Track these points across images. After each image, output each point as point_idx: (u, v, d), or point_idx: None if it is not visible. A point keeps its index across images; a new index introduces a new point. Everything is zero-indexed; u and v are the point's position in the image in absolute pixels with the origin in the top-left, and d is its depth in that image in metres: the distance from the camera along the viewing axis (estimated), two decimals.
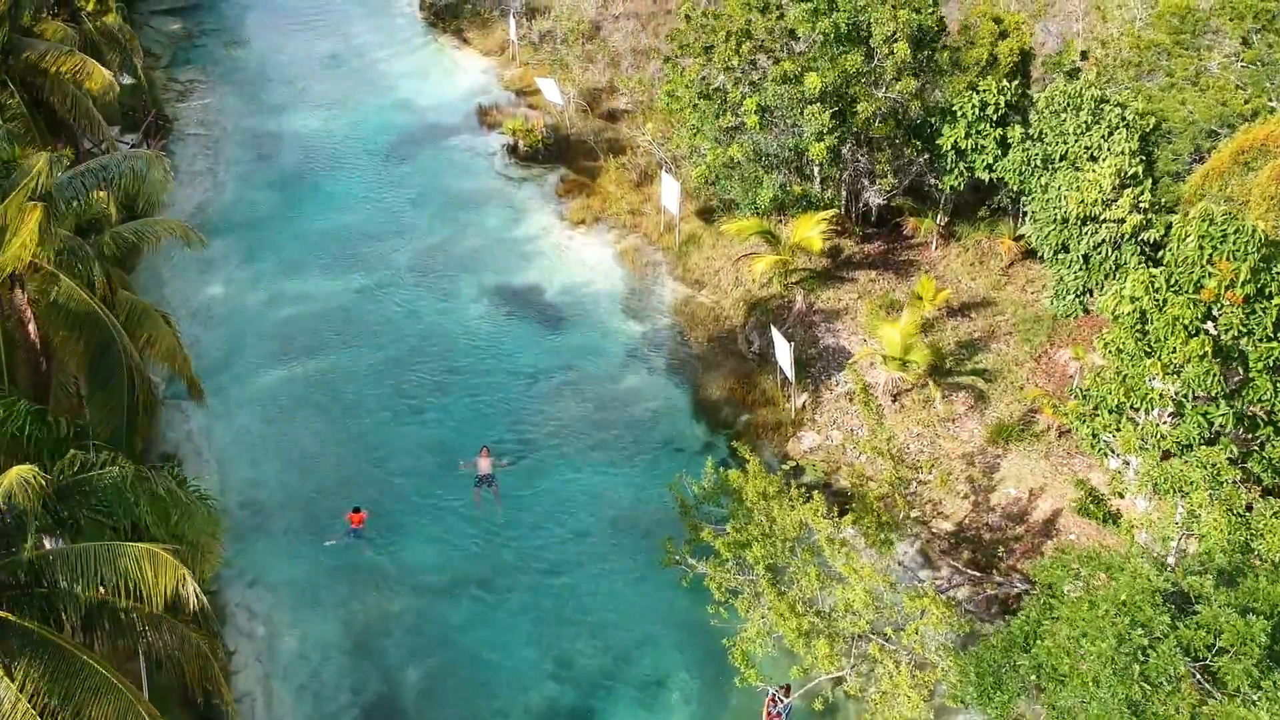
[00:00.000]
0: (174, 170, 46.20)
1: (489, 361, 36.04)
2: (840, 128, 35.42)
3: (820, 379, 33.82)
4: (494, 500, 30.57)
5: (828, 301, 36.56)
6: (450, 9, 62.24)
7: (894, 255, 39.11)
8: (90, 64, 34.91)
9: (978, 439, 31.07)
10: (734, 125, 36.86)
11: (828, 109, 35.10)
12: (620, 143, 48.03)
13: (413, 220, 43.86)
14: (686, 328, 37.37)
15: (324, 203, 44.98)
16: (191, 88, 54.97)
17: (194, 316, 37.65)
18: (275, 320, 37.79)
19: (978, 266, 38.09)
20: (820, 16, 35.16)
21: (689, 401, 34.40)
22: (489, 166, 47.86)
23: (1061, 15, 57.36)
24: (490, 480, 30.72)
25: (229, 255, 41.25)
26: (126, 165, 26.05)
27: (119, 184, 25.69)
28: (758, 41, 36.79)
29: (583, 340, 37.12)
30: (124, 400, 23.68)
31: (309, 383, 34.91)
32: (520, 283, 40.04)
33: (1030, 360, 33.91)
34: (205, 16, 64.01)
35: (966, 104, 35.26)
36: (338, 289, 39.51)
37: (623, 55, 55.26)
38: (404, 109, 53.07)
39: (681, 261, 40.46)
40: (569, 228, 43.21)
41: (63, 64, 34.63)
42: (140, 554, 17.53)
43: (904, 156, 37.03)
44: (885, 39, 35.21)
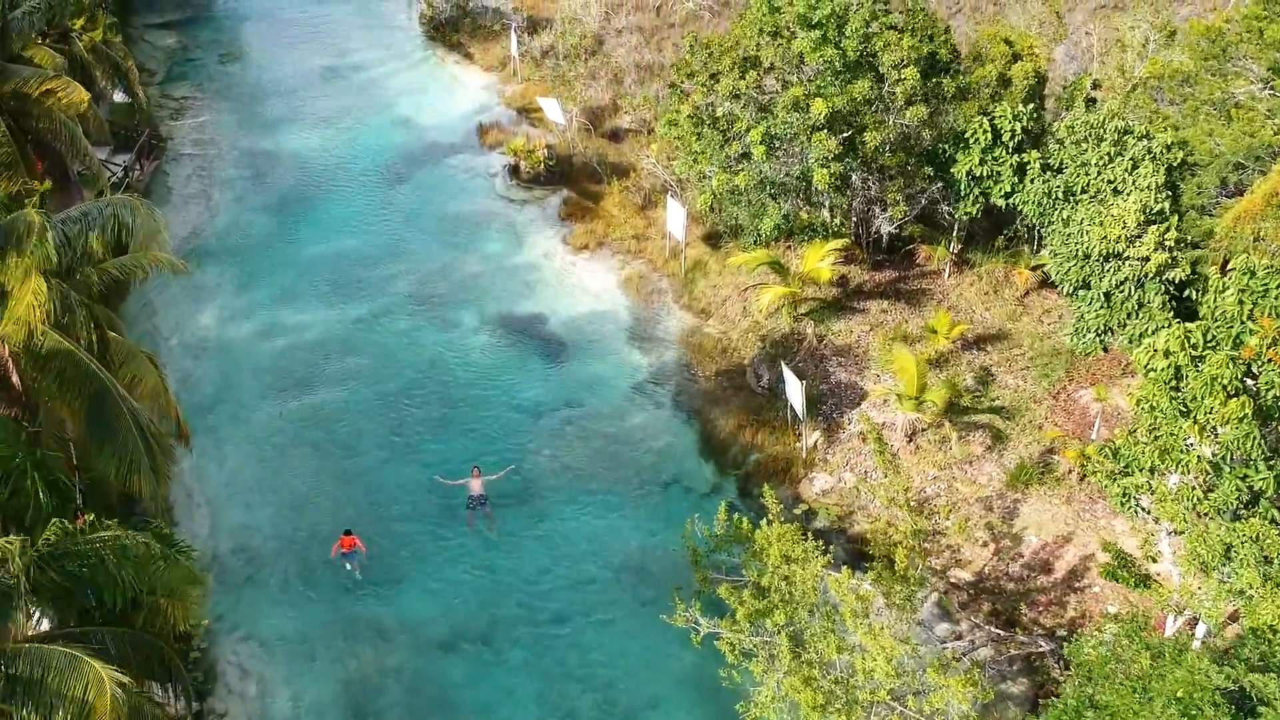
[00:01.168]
0: (168, 192, 45.41)
1: (490, 395, 34.99)
2: (848, 155, 34.36)
3: (832, 416, 32.78)
4: (488, 521, 30.24)
5: (838, 334, 35.51)
6: (450, 23, 61.22)
7: (905, 284, 38.07)
8: (73, 85, 33.89)
9: (996, 482, 30.02)
10: (740, 153, 35.79)
11: (836, 136, 34.07)
12: (624, 164, 46.98)
13: (412, 244, 42.81)
14: (693, 360, 36.32)
15: (321, 226, 43.93)
16: (186, 105, 53.92)
17: (187, 349, 36.60)
18: (270, 352, 36.73)
19: (992, 296, 37.06)
20: (827, 44, 34.13)
21: (696, 439, 33.36)
22: (490, 188, 46.81)
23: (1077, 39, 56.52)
24: (483, 500, 30.42)
25: (223, 283, 40.20)
26: (110, 212, 24.93)
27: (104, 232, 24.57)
28: (766, 67, 35.76)
29: (587, 373, 36.07)
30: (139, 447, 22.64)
31: (305, 419, 33.85)
32: (522, 311, 38.99)
33: (1049, 397, 32.88)
34: (201, 30, 62.99)
35: (979, 130, 34.25)
36: (335, 318, 38.45)
37: (626, 71, 54.23)
38: (403, 127, 52.03)
39: (687, 289, 39.42)
40: (572, 253, 42.17)
41: (45, 87, 33.56)
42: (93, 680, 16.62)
43: (916, 185, 35.96)
44: (894, 65, 34.18)
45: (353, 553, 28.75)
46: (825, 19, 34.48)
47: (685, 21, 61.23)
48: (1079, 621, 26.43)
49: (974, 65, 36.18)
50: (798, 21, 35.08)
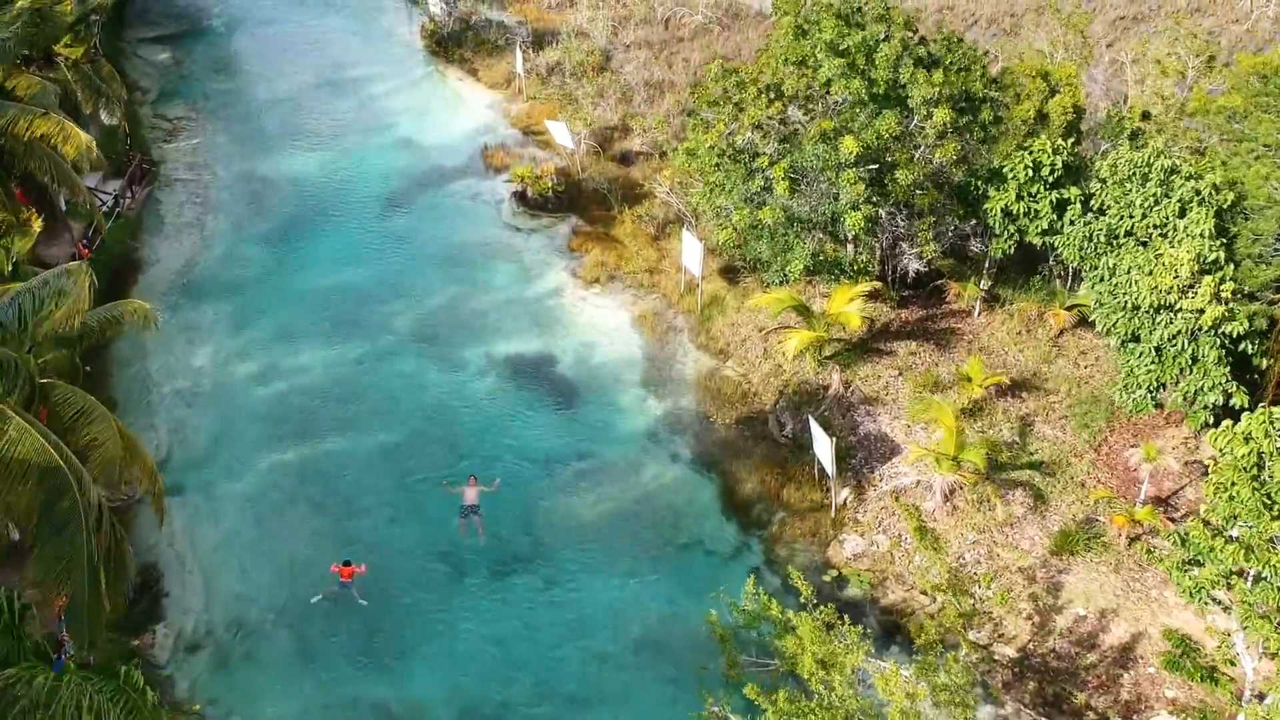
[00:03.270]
0: (160, 221, 43.63)
1: (499, 445, 33.17)
2: (877, 194, 32.54)
3: (862, 472, 30.98)
4: (478, 530, 29.62)
5: (866, 380, 33.69)
6: (453, 37, 59.29)
7: (934, 323, 36.27)
8: (68, 128, 31.90)
9: (1039, 548, 28.23)
10: (763, 187, 33.95)
11: (865, 174, 32.25)
12: (635, 189, 45.16)
13: (415, 278, 40.95)
14: (712, 406, 34.49)
15: (320, 258, 42.07)
16: (180, 126, 52.03)
17: (180, 395, 34.76)
18: (267, 398, 34.91)
19: (1025, 336, 35.28)
20: (855, 74, 32.30)
21: (717, 495, 31.56)
22: (496, 215, 44.97)
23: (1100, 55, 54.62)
24: (475, 510, 29.71)
25: (217, 321, 38.37)
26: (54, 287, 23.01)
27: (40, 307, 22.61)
28: (790, 96, 33.92)
29: (600, 420, 34.26)
30: (82, 555, 20.53)
31: (304, 473, 32.03)
32: (531, 352, 37.16)
33: (1090, 450, 31.10)
34: (195, 45, 61.04)
35: (1018, 165, 32.47)
36: (335, 359, 36.62)
37: (635, 89, 52.37)
38: (405, 149, 50.15)
39: (704, 328, 37.60)
40: (582, 287, 40.33)
41: (37, 129, 31.62)
42: None
43: (946, 223, 34.14)
44: (924, 101, 32.37)
45: (352, 581, 27.68)
46: (854, 47, 32.67)
47: (695, 36, 59.43)
48: (1135, 707, 24.65)
49: (1009, 98, 34.35)
50: (824, 49, 33.27)
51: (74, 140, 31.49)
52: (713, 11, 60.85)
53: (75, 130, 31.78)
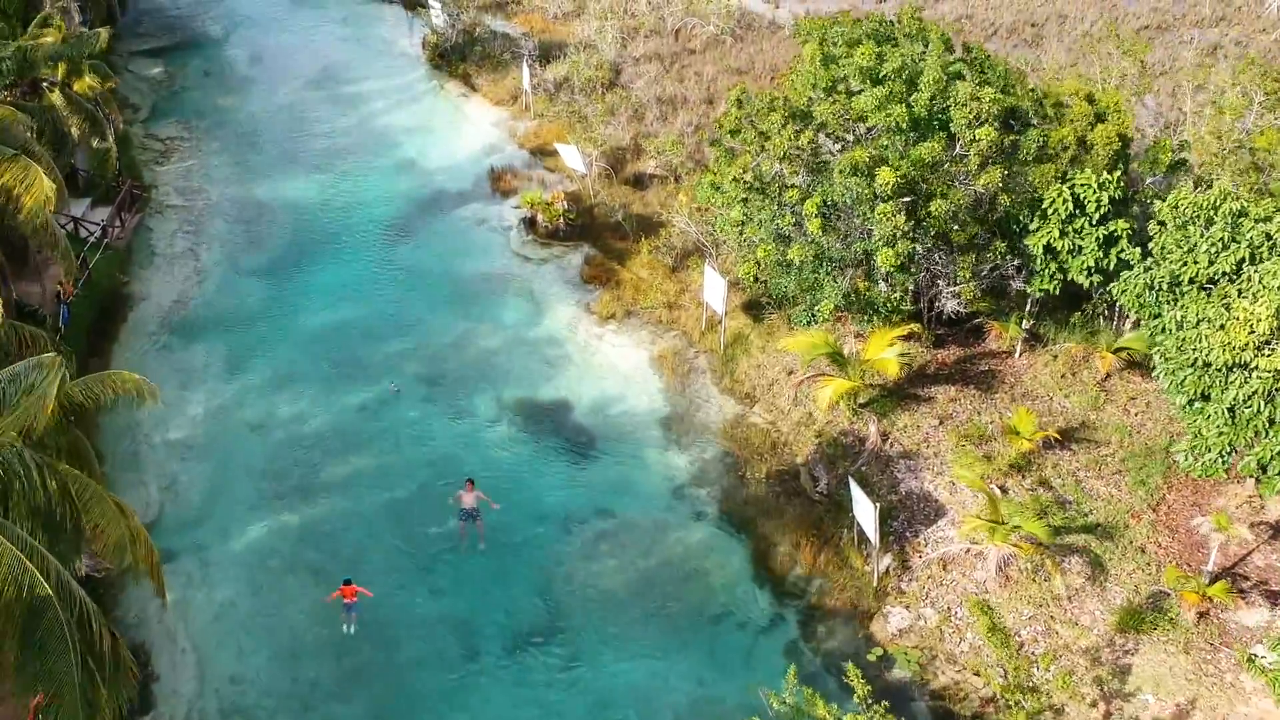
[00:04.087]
0: (151, 252, 41.48)
1: (512, 502, 30.90)
2: (916, 230, 30.37)
3: (905, 536, 28.83)
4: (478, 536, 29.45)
5: (904, 430, 31.54)
6: (456, 50, 57.10)
7: (972, 365, 34.13)
8: (31, 174, 29.49)
9: (1101, 624, 26.08)
10: (793, 223, 31.80)
11: (901, 205, 30.08)
12: (650, 215, 42.99)
13: (420, 314, 38.77)
14: (739, 457, 32.34)
15: (320, 292, 39.90)
16: (172, 146, 49.86)
17: (172, 448, 32.58)
18: (265, 450, 32.74)
19: (1070, 379, 33.14)
20: (893, 101, 30.12)
21: (748, 559, 29.41)
22: (504, 244, 42.78)
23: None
24: (475, 514, 29.37)
25: (212, 363, 36.18)
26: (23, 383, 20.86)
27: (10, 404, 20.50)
28: (819, 124, 31.76)
29: (619, 474, 32.11)
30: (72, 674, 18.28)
31: (304, 536, 29.89)
32: (544, 397, 35.00)
33: (1148, 509, 28.95)
34: (190, 58, 58.87)
35: (1057, 199, 30.37)
36: (336, 407, 34.45)
37: (647, 106, 50.18)
38: (408, 171, 47.98)
39: (728, 370, 35.44)
40: (597, 323, 38.16)
41: (3, 175, 29.27)
42: None
43: (987, 259, 31.98)
44: (968, 123, 30.21)
45: (354, 604, 26.85)
46: (893, 73, 30.51)
47: (707, 47, 57.28)
48: None
49: (1049, 119, 32.19)
50: (858, 75, 31.09)
51: (35, 190, 29.11)
52: (724, 22, 58.69)
53: (39, 177, 29.36)
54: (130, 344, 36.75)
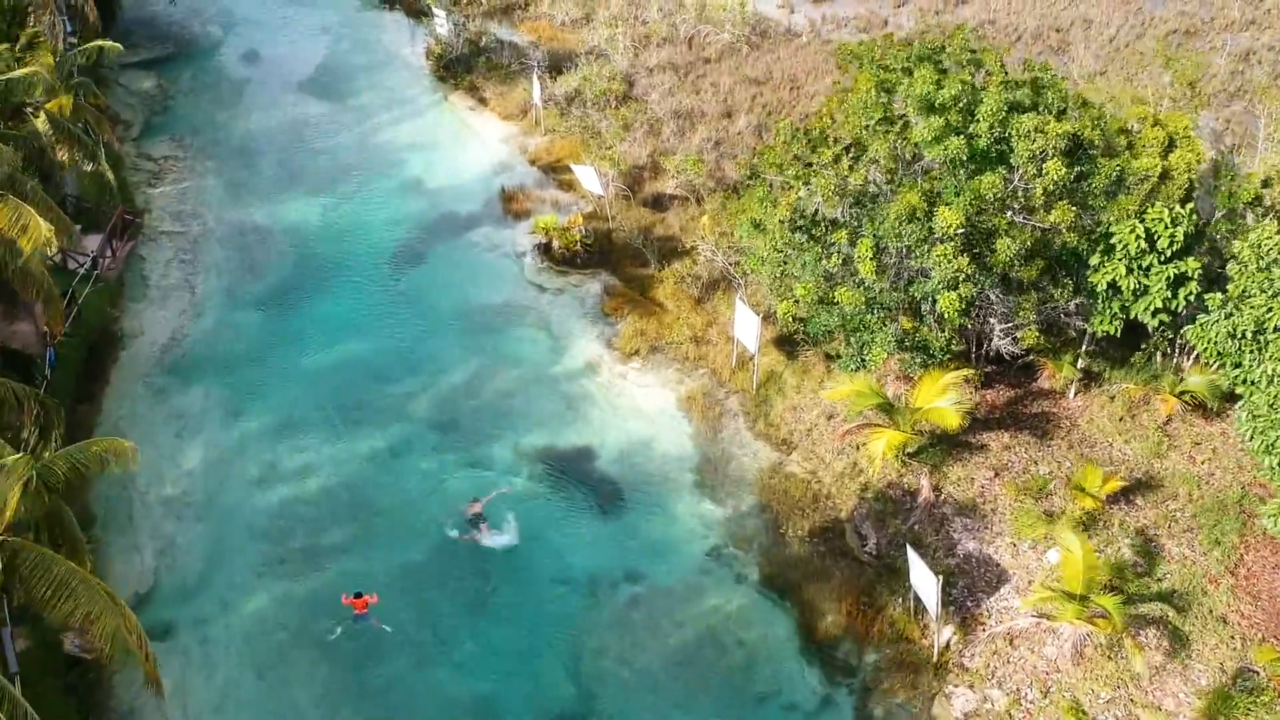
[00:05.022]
0: (144, 283, 39.14)
1: (534, 565, 28.77)
2: (978, 272, 28.05)
3: (966, 605, 26.56)
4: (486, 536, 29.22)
5: (958, 483, 29.27)
6: (462, 61, 54.64)
7: (1024, 407, 31.88)
8: (26, 214, 27.10)
9: (1186, 708, 23.83)
10: (842, 264, 29.43)
11: (960, 246, 27.75)
12: (671, 239, 40.68)
13: (431, 350, 36.43)
14: (779, 512, 30.07)
15: (324, 326, 37.54)
16: (166, 166, 47.39)
17: (168, 506, 30.24)
18: (267, 507, 30.43)
19: (1129, 423, 30.92)
20: (950, 134, 27.78)
21: (793, 629, 27.16)
22: (518, 272, 40.43)
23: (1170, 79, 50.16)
24: (481, 519, 29.39)
25: (209, 409, 33.83)
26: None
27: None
28: (871, 159, 29.41)
29: (649, 531, 29.85)
30: None
31: (311, 605, 27.60)
32: (566, 443, 32.69)
33: (1225, 572, 26.70)
34: (183, 70, 56.32)
35: (1129, 237, 28.09)
36: (343, 457, 32.14)
37: (663, 120, 47.82)
38: (415, 192, 45.60)
39: (762, 412, 33.15)
40: (620, 361, 35.84)
41: None
42: None
43: (1051, 298, 29.68)
44: (1033, 156, 27.88)
45: (367, 612, 26.55)
46: (950, 101, 28.18)
47: (722, 56, 54.91)
48: None
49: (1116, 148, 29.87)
50: (915, 105, 28.73)
51: (32, 231, 26.75)
52: (739, 29, 56.33)
53: (33, 218, 26.96)
54: (122, 387, 34.40)
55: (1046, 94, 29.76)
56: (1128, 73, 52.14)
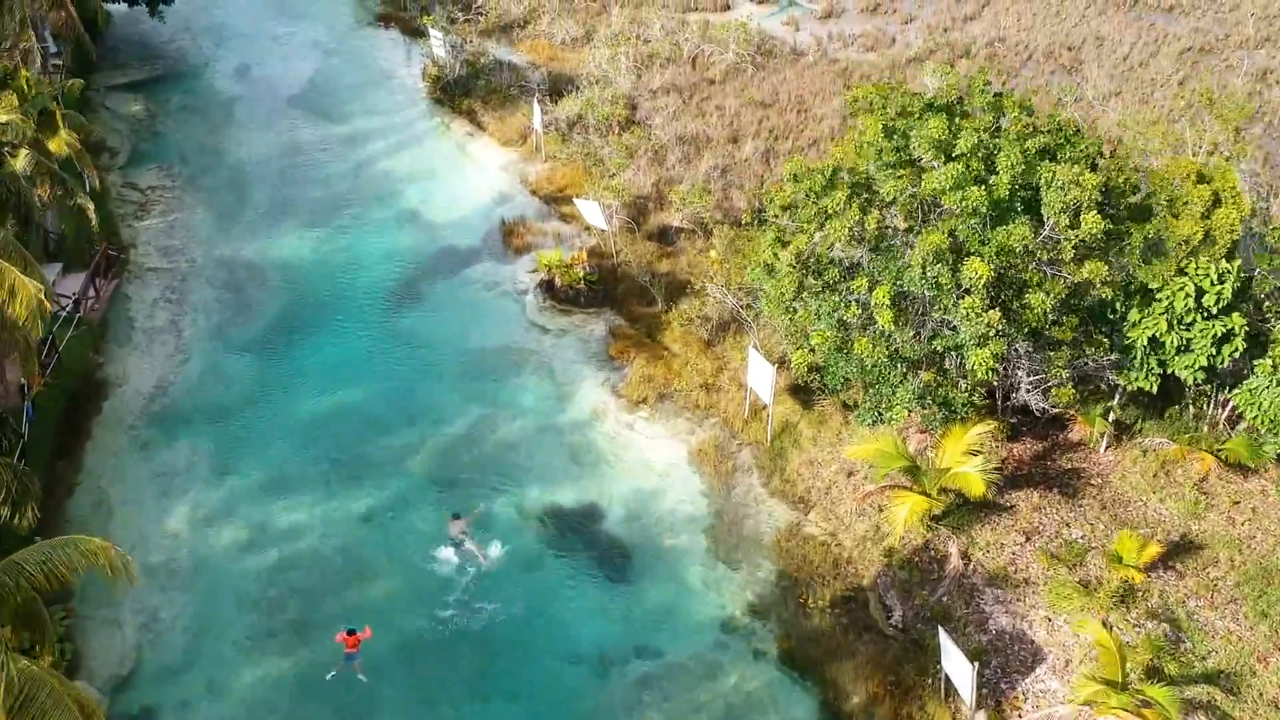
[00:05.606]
0: (129, 326, 37.57)
1: (539, 639, 27.16)
2: (1009, 328, 26.46)
3: (1000, 688, 24.97)
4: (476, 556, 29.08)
5: (987, 549, 27.71)
6: (460, 84, 53.04)
7: (1053, 461, 30.35)
8: (11, 277, 25.29)
9: None
10: (858, 314, 27.85)
11: (988, 298, 26.15)
12: (679, 277, 39.07)
13: (429, 398, 34.83)
14: (797, 579, 28.47)
15: (316, 371, 35.94)
16: (153, 197, 45.77)
17: (152, 574, 28.54)
18: (257, 573, 28.81)
19: (1163, 479, 29.41)
20: (968, 182, 26.19)
21: (816, 711, 25.55)
22: (519, 312, 38.83)
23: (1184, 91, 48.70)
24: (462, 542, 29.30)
25: (196, 463, 32.22)
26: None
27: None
28: (887, 201, 27.84)
29: (660, 600, 28.26)
30: None
31: (304, 687, 25.99)
32: (571, 502, 31.10)
33: (1274, 649, 25.15)
34: (171, 93, 54.75)
35: (1176, 293, 26.57)
36: (337, 516, 30.53)
37: (667, 146, 46.27)
38: (411, 224, 44.01)
39: (777, 467, 31.58)
40: (627, 409, 34.24)
41: None
42: None
43: (1086, 355, 28.12)
44: (1065, 208, 26.32)
45: (358, 650, 25.83)
46: (969, 150, 26.61)
47: (726, 77, 53.37)
48: None
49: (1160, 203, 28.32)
50: (930, 148, 27.17)
51: (23, 295, 24.98)
52: (743, 48, 54.80)
53: (22, 283, 25.20)
54: (105, 442, 32.76)
55: (1077, 141, 28.21)
56: (1143, 94, 50.86)
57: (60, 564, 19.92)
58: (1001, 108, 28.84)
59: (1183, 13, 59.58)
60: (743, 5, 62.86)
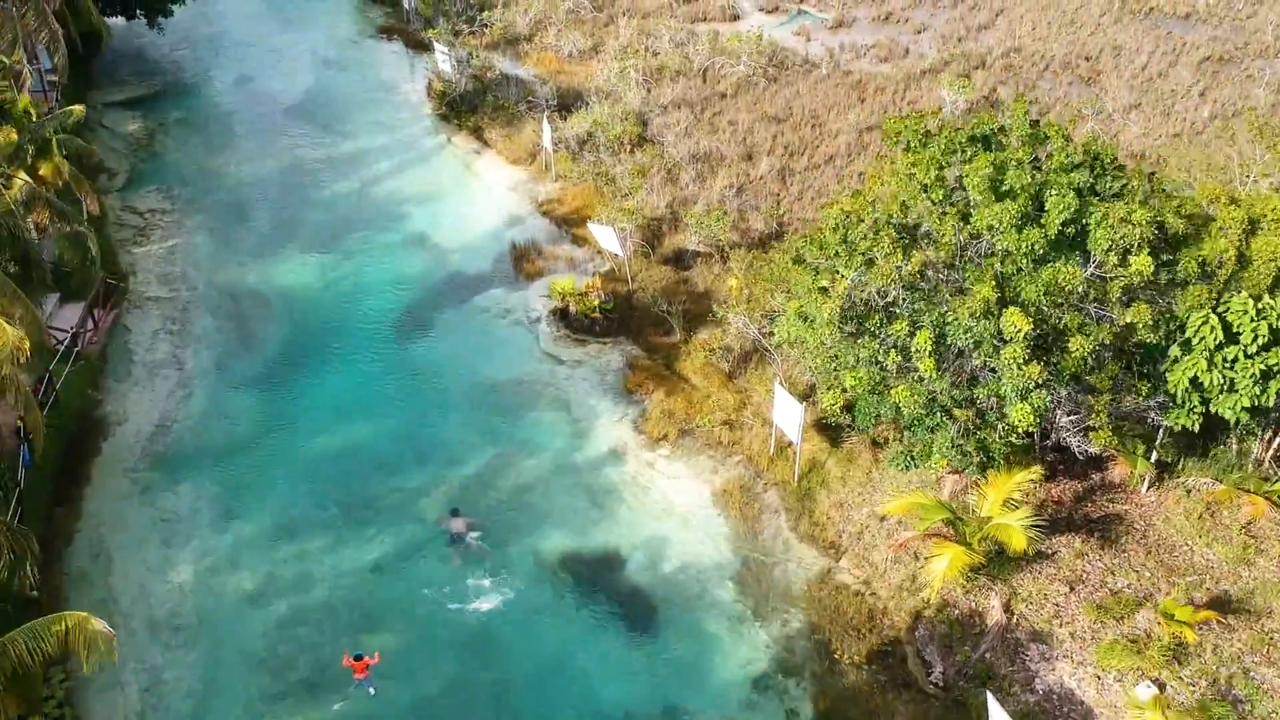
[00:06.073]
0: (129, 359, 36.22)
1: (560, 696, 25.88)
2: (1051, 378, 25.17)
3: None
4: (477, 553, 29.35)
5: (1030, 601, 26.47)
6: (466, 100, 51.75)
7: (1093, 504, 29.13)
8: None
9: None
10: (897, 361, 26.52)
11: (1029, 345, 24.86)
12: (697, 303, 37.80)
13: (440, 434, 33.55)
14: (829, 632, 27.18)
15: (323, 408, 34.64)
16: (153, 221, 44.47)
17: (154, 630, 27.29)
18: (265, 629, 27.52)
19: (1208, 521, 28.23)
20: (1028, 224, 24.92)
21: None
22: (533, 341, 37.55)
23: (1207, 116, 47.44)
24: (463, 537, 29.52)
25: (199, 508, 30.93)
26: None
27: None
28: (934, 243, 26.56)
29: (688, 655, 26.95)
30: None
31: None
32: (591, 548, 29.83)
33: None
34: (170, 109, 53.46)
35: (1206, 330, 25.35)
36: (347, 565, 29.25)
37: (680, 164, 45.00)
38: (419, 249, 42.71)
39: (806, 509, 30.34)
40: (647, 446, 32.97)
41: None
42: None
43: (1127, 400, 26.86)
44: (1113, 246, 25.07)
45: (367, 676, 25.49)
46: (1021, 189, 25.36)
47: (738, 90, 52.14)
48: None
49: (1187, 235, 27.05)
50: (980, 188, 25.86)
51: None
52: (755, 60, 53.54)
53: (1, 327, 24.03)
54: (105, 485, 31.47)
55: (1119, 175, 26.96)
56: (1164, 106, 49.61)
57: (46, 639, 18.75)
58: (1042, 137, 27.56)
59: (1200, 20, 58.36)
60: (752, 15, 61.64)
